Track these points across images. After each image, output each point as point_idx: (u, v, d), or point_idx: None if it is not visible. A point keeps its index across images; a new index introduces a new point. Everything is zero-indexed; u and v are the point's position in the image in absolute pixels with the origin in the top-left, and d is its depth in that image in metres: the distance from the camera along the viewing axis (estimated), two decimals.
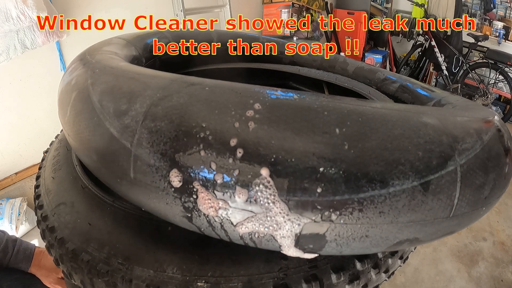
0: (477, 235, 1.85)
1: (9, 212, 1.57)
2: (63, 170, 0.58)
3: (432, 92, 0.71)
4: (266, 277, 0.38)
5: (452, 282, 1.55)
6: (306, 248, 0.33)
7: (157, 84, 0.37)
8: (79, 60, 0.51)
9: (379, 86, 0.84)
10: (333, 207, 0.29)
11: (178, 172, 0.31)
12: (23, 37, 1.45)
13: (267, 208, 0.30)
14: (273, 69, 0.91)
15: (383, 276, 0.45)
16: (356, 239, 0.32)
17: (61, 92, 0.49)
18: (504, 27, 3.57)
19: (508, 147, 0.38)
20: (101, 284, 0.40)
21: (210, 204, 0.31)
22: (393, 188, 0.30)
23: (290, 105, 0.32)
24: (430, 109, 0.37)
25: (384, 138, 0.30)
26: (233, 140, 0.30)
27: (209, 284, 0.38)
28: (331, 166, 0.29)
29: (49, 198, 0.53)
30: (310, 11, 3.29)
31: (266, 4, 3.13)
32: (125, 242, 0.42)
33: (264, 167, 0.29)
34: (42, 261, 0.65)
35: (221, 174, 0.30)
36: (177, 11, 2.09)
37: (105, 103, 0.38)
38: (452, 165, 0.32)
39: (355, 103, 0.33)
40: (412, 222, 0.32)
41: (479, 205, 0.35)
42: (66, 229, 0.46)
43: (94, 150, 0.39)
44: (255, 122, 0.30)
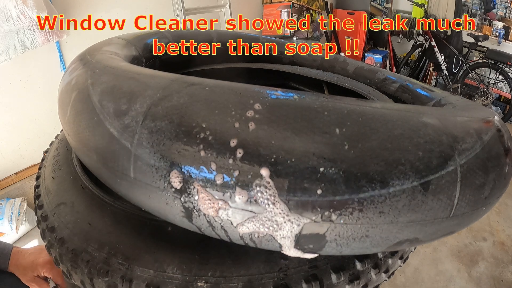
0: (477, 235, 1.85)
1: (9, 212, 1.57)
2: (63, 170, 0.58)
3: (432, 92, 0.71)
4: (266, 277, 0.38)
5: (452, 282, 1.55)
6: (306, 248, 0.33)
7: (157, 84, 0.37)
8: (79, 60, 0.51)
9: (379, 86, 0.84)
10: (333, 207, 0.29)
11: (178, 172, 0.31)
12: (23, 37, 1.45)
13: (267, 208, 0.30)
14: (273, 69, 0.91)
15: (383, 276, 0.45)
16: (356, 239, 0.32)
17: (61, 92, 0.49)
18: (504, 27, 3.57)
19: (508, 147, 0.38)
20: (101, 284, 0.40)
21: (210, 205, 0.31)
22: (393, 188, 0.30)
23: (290, 105, 0.32)
24: (430, 109, 0.37)
25: (384, 138, 0.30)
26: (233, 141, 0.30)
27: (209, 284, 0.38)
28: (331, 166, 0.29)
29: (49, 198, 0.53)
30: (310, 11, 3.29)
31: (266, 4, 3.13)
32: (125, 242, 0.42)
33: (264, 167, 0.29)
34: (20, 260, 0.69)
35: (221, 174, 0.30)
36: (177, 11, 2.09)
37: (105, 103, 0.38)
38: (452, 165, 0.32)
39: (355, 103, 0.33)
40: (412, 222, 0.32)
41: (479, 205, 0.35)
42: (66, 229, 0.46)
43: (94, 150, 0.39)
44: (255, 122, 0.30)
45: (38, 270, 0.67)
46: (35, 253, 0.70)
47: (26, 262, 0.68)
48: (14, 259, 0.68)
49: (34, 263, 0.67)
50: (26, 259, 0.68)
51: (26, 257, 0.69)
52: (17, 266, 0.68)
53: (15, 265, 0.68)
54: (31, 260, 0.68)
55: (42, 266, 0.67)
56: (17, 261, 0.68)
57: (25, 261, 0.68)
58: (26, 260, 0.68)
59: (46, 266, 0.67)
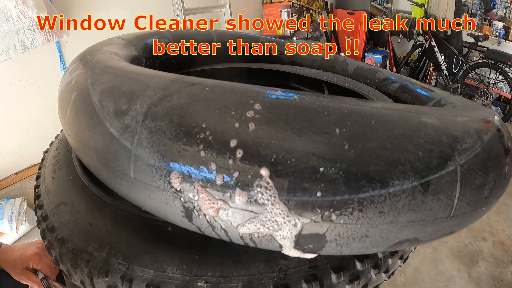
0: (477, 235, 1.85)
1: (9, 212, 1.57)
2: (63, 170, 0.58)
3: (432, 92, 0.71)
4: (266, 277, 0.38)
5: (452, 282, 1.55)
6: (306, 248, 0.32)
7: (157, 84, 0.37)
8: (79, 60, 0.51)
9: (379, 86, 0.84)
10: (333, 207, 0.29)
11: (178, 172, 0.31)
12: (23, 37, 1.45)
13: (267, 208, 0.30)
14: (273, 69, 0.91)
15: (383, 276, 0.45)
16: (356, 239, 0.32)
17: (61, 92, 0.49)
18: (504, 27, 3.57)
19: (508, 147, 0.38)
20: (101, 284, 0.40)
21: (210, 205, 0.31)
22: (393, 188, 0.30)
23: (290, 105, 0.32)
24: (430, 109, 0.37)
25: (384, 138, 0.30)
26: (233, 141, 0.30)
27: (209, 284, 0.38)
28: (331, 166, 0.29)
29: (49, 198, 0.53)
30: (310, 11, 3.29)
31: (266, 4, 3.13)
32: (125, 242, 0.42)
33: (264, 168, 0.29)
34: (9, 255, 0.70)
35: (221, 174, 0.30)
36: (177, 11, 2.09)
37: (105, 103, 0.38)
38: (452, 165, 0.32)
39: (355, 103, 0.33)
40: (412, 222, 0.32)
41: (479, 205, 0.35)
42: (66, 229, 0.46)
43: (94, 150, 0.39)
44: (255, 122, 0.30)
45: (26, 262, 0.68)
46: (23, 247, 0.71)
47: (15, 256, 0.69)
48: (3, 255, 0.69)
49: (23, 256, 0.68)
50: (15, 253, 0.70)
51: (15, 251, 0.70)
52: (6, 261, 0.69)
53: (4, 260, 0.69)
54: (19, 254, 0.69)
55: (30, 258, 0.68)
56: (6, 256, 0.69)
57: (14, 255, 0.69)
58: (15, 253, 0.69)
59: (34, 258, 0.68)
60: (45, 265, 0.68)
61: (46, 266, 0.68)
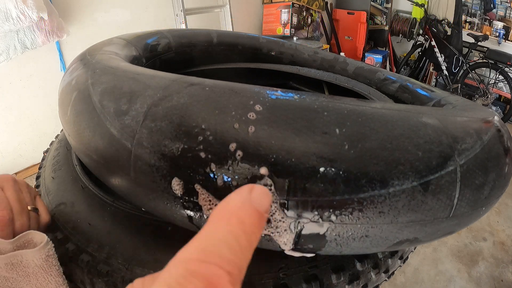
0: (477, 235, 1.85)
1: None
2: (63, 170, 0.58)
3: (432, 92, 0.71)
4: (266, 277, 0.38)
5: (452, 282, 1.55)
6: (306, 248, 0.33)
7: (157, 84, 0.37)
8: (79, 60, 0.51)
9: (379, 86, 0.84)
10: (333, 207, 0.29)
11: (178, 172, 0.31)
12: (23, 37, 1.45)
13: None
14: (273, 69, 0.91)
15: (383, 276, 0.45)
16: (356, 239, 0.32)
17: (61, 92, 0.49)
18: (504, 27, 3.57)
19: (508, 147, 0.38)
20: (101, 284, 0.40)
21: (210, 205, 0.31)
22: (393, 188, 0.30)
23: (290, 105, 0.32)
24: (430, 109, 0.37)
25: (384, 138, 0.30)
26: (233, 141, 0.30)
27: None
28: (331, 166, 0.29)
29: (49, 198, 0.53)
30: (310, 11, 3.29)
31: (266, 4, 3.13)
32: (125, 242, 0.42)
33: (264, 168, 0.29)
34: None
35: (221, 175, 0.30)
36: (177, 11, 2.09)
37: (105, 103, 0.38)
38: (452, 165, 0.32)
39: (355, 103, 0.33)
40: (412, 222, 0.32)
41: (479, 205, 0.35)
42: (66, 229, 0.46)
43: (94, 150, 0.39)
44: (255, 122, 0.30)
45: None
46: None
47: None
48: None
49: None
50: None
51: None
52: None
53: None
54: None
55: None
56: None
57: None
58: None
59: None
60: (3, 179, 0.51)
61: (3, 179, 0.50)
